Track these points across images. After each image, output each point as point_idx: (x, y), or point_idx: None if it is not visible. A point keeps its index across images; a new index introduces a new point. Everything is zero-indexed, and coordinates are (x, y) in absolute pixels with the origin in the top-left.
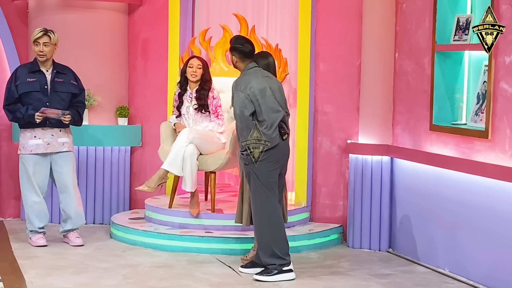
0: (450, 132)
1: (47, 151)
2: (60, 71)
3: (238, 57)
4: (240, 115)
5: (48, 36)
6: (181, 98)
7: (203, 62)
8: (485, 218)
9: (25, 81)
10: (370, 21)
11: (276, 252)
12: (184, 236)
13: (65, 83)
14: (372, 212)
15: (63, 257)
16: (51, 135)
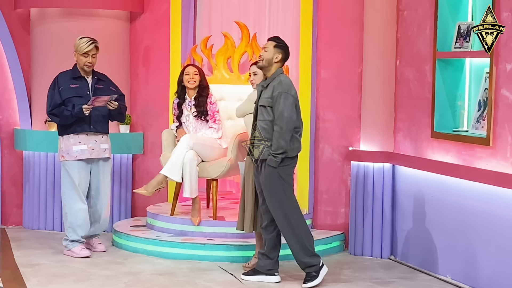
0: (451, 139)
1: (91, 157)
2: (100, 78)
3: (282, 58)
4: (289, 118)
5: (97, 47)
6: (180, 108)
7: (198, 69)
8: (487, 225)
9: (67, 87)
10: (371, 28)
11: (311, 250)
12: (186, 244)
13: (105, 89)
14: (374, 219)
15: (65, 264)
16: (94, 140)
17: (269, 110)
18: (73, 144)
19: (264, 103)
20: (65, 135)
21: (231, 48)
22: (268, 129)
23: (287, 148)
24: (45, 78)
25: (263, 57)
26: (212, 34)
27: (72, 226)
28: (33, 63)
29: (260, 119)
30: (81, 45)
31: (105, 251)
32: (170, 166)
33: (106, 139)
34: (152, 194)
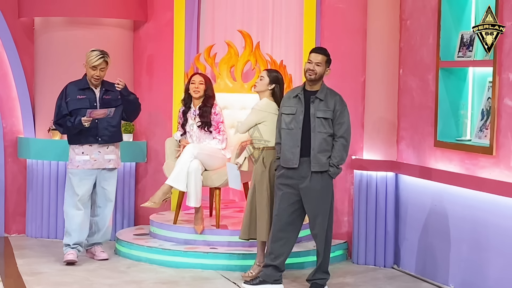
0: (454, 148)
1: (93, 167)
2: (108, 89)
3: (329, 72)
4: (350, 132)
5: (106, 61)
6: (185, 116)
7: (205, 78)
8: (490, 235)
9: (75, 98)
10: (374, 37)
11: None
12: (189, 252)
13: (113, 99)
14: (377, 228)
15: (68, 273)
16: (98, 151)
17: (330, 123)
18: (77, 154)
19: (326, 115)
20: (72, 144)
21: (235, 57)
22: (328, 141)
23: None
24: (48, 87)
25: (316, 71)
26: (215, 42)
27: (67, 231)
28: (37, 71)
29: (321, 131)
30: (90, 58)
31: (108, 259)
32: (175, 176)
33: (113, 149)
34: (160, 205)
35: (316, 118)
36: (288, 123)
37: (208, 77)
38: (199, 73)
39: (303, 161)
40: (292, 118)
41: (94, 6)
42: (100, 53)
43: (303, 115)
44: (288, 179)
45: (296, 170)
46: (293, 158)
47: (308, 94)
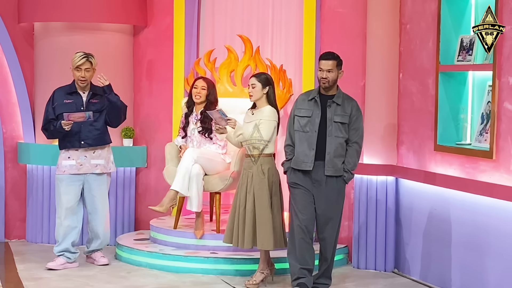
0: (454, 152)
1: (79, 172)
2: (96, 92)
3: (342, 74)
4: (363, 137)
5: (90, 61)
6: (187, 119)
7: (208, 83)
8: (490, 239)
9: (62, 102)
10: (374, 42)
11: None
12: (189, 257)
13: (100, 103)
14: (377, 233)
15: (69, 278)
16: (84, 156)
17: (346, 127)
18: (63, 159)
19: (343, 120)
20: (60, 149)
21: (234, 62)
22: (344, 145)
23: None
24: (48, 92)
25: (329, 78)
26: (215, 47)
27: (56, 238)
28: (37, 77)
29: (338, 135)
30: (74, 59)
31: (108, 264)
32: (180, 182)
33: (101, 154)
34: (167, 211)
35: (334, 123)
36: (303, 125)
37: (212, 83)
38: (203, 78)
39: (317, 165)
40: (308, 120)
41: (94, 11)
42: (84, 54)
43: (319, 119)
44: (300, 180)
45: (310, 174)
46: (307, 160)
47: (325, 98)
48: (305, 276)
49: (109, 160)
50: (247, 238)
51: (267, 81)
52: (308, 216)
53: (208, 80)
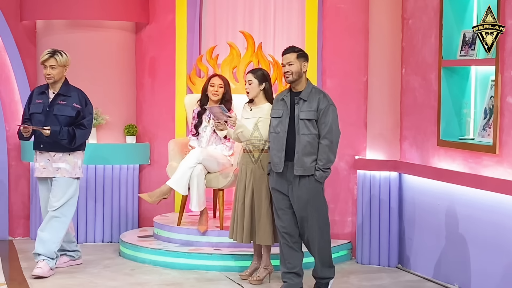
0: (457, 147)
1: (42, 175)
2: (63, 93)
3: (307, 66)
4: (338, 132)
5: (55, 58)
6: (200, 118)
7: (224, 81)
8: (494, 233)
9: (34, 102)
10: (376, 37)
11: (332, 263)
12: (193, 254)
13: (66, 106)
14: (381, 228)
15: (73, 276)
16: (47, 159)
17: (314, 123)
18: (35, 161)
19: (309, 116)
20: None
21: (237, 58)
22: (313, 143)
23: (334, 162)
24: None
25: (291, 71)
26: (217, 44)
27: None
28: (39, 74)
29: (305, 133)
30: (41, 55)
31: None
32: (177, 179)
33: (62, 157)
34: (154, 203)
35: (300, 120)
36: (275, 126)
37: (227, 80)
38: (219, 75)
39: (289, 166)
40: (279, 121)
41: (96, 9)
42: (50, 51)
43: (288, 118)
44: (277, 184)
45: (283, 175)
46: (279, 162)
47: (293, 95)
48: (290, 280)
49: (75, 165)
50: (246, 232)
51: (263, 77)
52: (286, 222)
53: (223, 77)
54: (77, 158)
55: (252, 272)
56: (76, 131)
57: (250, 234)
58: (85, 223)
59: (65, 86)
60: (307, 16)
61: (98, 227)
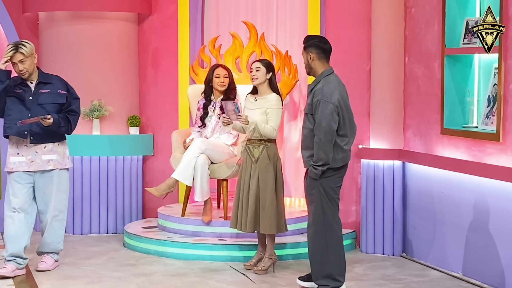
0: (461, 135)
1: (30, 169)
2: (44, 81)
3: (316, 53)
4: (327, 129)
5: (21, 52)
6: (206, 109)
7: (228, 71)
8: (498, 221)
9: (14, 92)
10: (379, 26)
11: (332, 274)
12: (197, 244)
13: (51, 94)
14: (385, 217)
15: (77, 267)
16: (35, 152)
17: (311, 118)
18: (12, 155)
19: (307, 109)
20: (9, 143)
21: (239, 48)
22: (309, 137)
23: (327, 160)
24: None
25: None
26: (220, 34)
27: (4, 241)
28: (42, 66)
29: (304, 126)
30: (5, 52)
31: (45, 270)
32: (182, 171)
33: (53, 148)
34: (161, 197)
35: (304, 113)
36: None
37: (230, 69)
38: (222, 65)
39: None
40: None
41: (98, 0)
42: (13, 46)
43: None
44: None
45: None
46: None
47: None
48: None
49: (64, 155)
50: (250, 222)
51: (270, 66)
52: None
53: (226, 67)
54: (65, 148)
55: (256, 261)
56: (69, 117)
57: (253, 223)
58: (90, 215)
59: (42, 75)
60: (310, 6)
61: (102, 218)
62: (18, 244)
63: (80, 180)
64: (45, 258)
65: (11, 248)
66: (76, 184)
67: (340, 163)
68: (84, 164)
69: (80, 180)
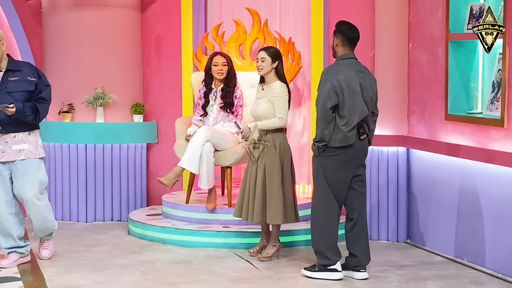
0: (465, 121)
1: (1, 160)
2: (13, 69)
3: (340, 40)
4: (322, 105)
5: None
6: (207, 97)
7: (227, 59)
8: (502, 207)
9: None
10: (383, 12)
11: (320, 250)
12: (201, 232)
13: (20, 82)
14: (389, 203)
15: (82, 255)
16: (5, 142)
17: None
18: None
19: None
20: None
21: (243, 35)
22: None
23: (323, 137)
24: (57, 69)
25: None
26: (223, 21)
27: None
28: (46, 54)
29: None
30: None
31: (49, 258)
32: (188, 159)
33: (23, 137)
34: (170, 185)
35: None
36: None
37: (229, 57)
38: (221, 53)
39: None
40: None
41: None
42: None
43: None
44: None
45: None
46: None
47: None
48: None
49: (37, 144)
50: (257, 212)
51: (276, 55)
52: None
53: (225, 55)
54: (37, 137)
55: (261, 249)
56: (38, 105)
57: (261, 213)
58: (94, 202)
59: (12, 62)
60: None
61: (107, 206)
62: (10, 238)
63: (84, 168)
64: (46, 244)
65: (6, 243)
66: (80, 172)
67: (339, 143)
68: (88, 152)
69: (85, 168)
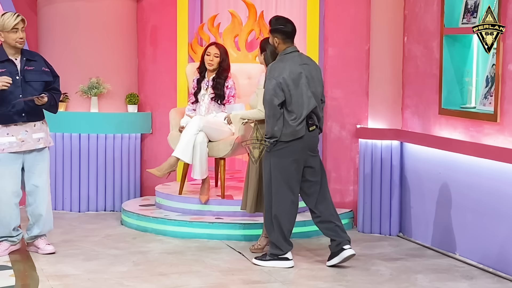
0: (459, 115)
1: (21, 149)
2: (30, 58)
3: (281, 39)
4: (269, 103)
5: (23, 20)
6: (200, 85)
7: (221, 50)
8: (495, 202)
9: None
10: (378, 5)
11: (272, 241)
12: (194, 223)
13: (37, 71)
14: (382, 197)
15: (74, 244)
16: (25, 131)
17: None
18: (1, 136)
19: None
20: None
21: (238, 27)
22: None
23: (274, 133)
24: (53, 59)
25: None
26: (219, 12)
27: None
28: (41, 43)
29: None
30: (7, 20)
31: (55, 252)
32: (182, 148)
33: (41, 126)
34: (163, 176)
35: None
36: None
37: (225, 49)
38: (217, 44)
39: None
40: None
41: None
42: (15, 13)
43: None
44: None
45: None
46: None
47: None
48: None
49: (47, 132)
50: (249, 202)
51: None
52: None
53: (221, 46)
54: (47, 126)
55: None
56: (55, 96)
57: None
58: (87, 192)
59: (26, 51)
60: None
61: (100, 196)
62: (7, 228)
63: (78, 158)
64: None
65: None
66: (74, 162)
67: (290, 137)
68: (82, 141)
69: (78, 158)
